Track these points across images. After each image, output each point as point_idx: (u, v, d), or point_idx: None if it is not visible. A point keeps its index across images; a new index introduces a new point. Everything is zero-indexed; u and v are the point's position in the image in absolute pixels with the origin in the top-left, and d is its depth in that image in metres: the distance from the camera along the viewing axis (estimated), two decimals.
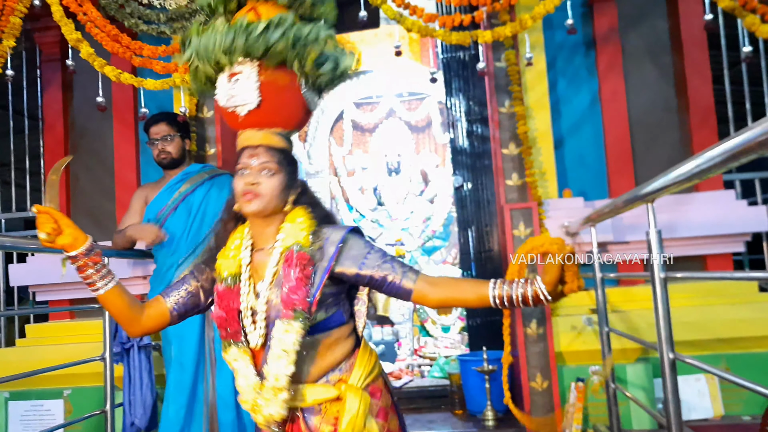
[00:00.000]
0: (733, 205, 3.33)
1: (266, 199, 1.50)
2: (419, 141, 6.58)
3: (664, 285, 1.88)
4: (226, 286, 1.53)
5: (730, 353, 3.06)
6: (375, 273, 1.50)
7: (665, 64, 3.62)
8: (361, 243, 1.54)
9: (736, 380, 1.55)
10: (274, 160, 1.52)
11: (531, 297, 1.37)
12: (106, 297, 1.48)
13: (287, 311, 1.44)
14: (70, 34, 2.91)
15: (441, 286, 1.49)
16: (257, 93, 1.51)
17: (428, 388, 3.88)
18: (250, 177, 1.50)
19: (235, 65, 1.52)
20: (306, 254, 1.48)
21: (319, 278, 1.48)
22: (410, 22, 2.82)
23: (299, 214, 1.55)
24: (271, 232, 1.56)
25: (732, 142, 1.25)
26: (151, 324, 1.57)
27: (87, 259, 1.44)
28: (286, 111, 1.58)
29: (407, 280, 1.49)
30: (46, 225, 1.40)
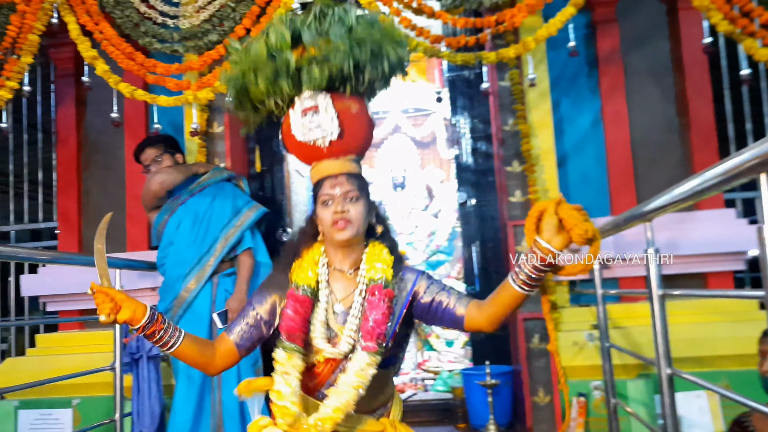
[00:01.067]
0: (734, 223, 3.38)
1: (356, 224, 1.57)
2: (424, 156, 6.66)
3: (661, 302, 1.93)
4: (304, 294, 1.59)
5: (731, 370, 3.08)
6: (434, 298, 1.58)
7: (667, 85, 3.69)
8: (426, 278, 1.63)
9: (732, 396, 1.60)
10: (355, 187, 1.59)
11: (539, 261, 1.38)
12: (179, 351, 1.54)
13: (370, 344, 1.50)
14: (87, 51, 3.00)
15: (485, 306, 1.53)
16: (337, 123, 1.57)
17: (432, 401, 3.92)
18: (338, 205, 1.56)
19: (306, 99, 1.58)
20: (392, 291, 1.56)
21: (398, 312, 1.57)
22: (416, 43, 2.90)
23: (380, 247, 1.63)
24: (351, 258, 1.63)
25: (729, 164, 1.31)
26: (224, 363, 1.63)
27: (152, 327, 1.48)
28: (361, 136, 1.65)
29: (460, 306, 1.56)
30: (104, 306, 1.44)
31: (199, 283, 2.97)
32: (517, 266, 1.45)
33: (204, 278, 2.97)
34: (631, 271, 3.38)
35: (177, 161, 3.21)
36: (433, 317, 1.60)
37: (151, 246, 3.81)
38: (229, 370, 2.90)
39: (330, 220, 1.56)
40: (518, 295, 1.46)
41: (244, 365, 2.94)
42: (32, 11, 3.01)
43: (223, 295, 3.00)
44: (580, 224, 1.35)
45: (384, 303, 1.54)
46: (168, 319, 1.54)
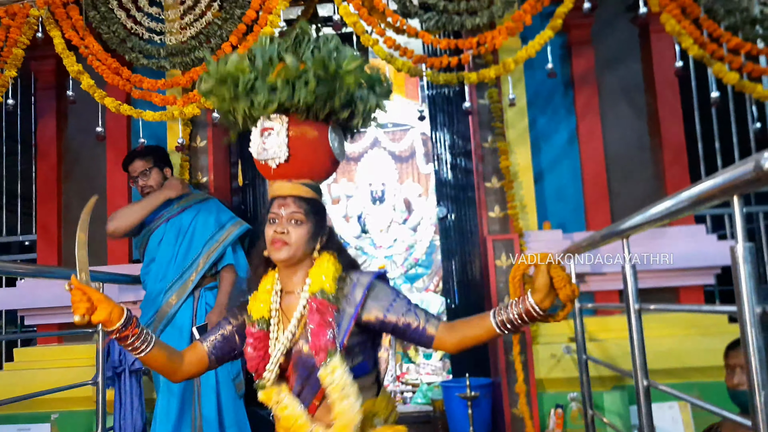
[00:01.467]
0: (704, 239, 3.50)
1: (294, 247, 1.58)
2: (403, 171, 6.74)
3: (638, 316, 2.01)
4: (260, 329, 1.61)
5: (702, 381, 3.18)
6: (400, 320, 1.57)
7: (639, 104, 3.81)
8: (387, 289, 1.63)
9: (706, 406, 1.67)
10: (301, 211, 1.60)
11: (524, 313, 1.46)
12: (147, 357, 1.55)
13: (321, 355, 1.51)
14: (72, 66, 3.02)
15: (456, 330, 1.57)
16: (286, 148, 1.59)
17: (412, 414, 3.96)
18: (279, 226, 1.59)
19: (266, 120, 1.61)
20: (326, 301, 1.55)
21: (346, 324, 1.56)
22: (400, 63, 2.97)
23: (325, 259, 1.63)
24: (299, 277, 1.64)
25: (705, 186, 1.38)
26: (193, 370, 1.65)
27: (126, 331, 1.49)
28: (314, 163, 1.66)
29: (430, 326, 1.57)
30: (80, 305, 1.43)
31: (181, 297, 2.98)
32: (503, 308, 1.50)
33: (186, 293, 2.99)
34: (605, 285, 3.47)
35: (165, 175, 3.22)
36: (401, 335, 1.61)
37: (131, 259, 3.81)
38: (209, 383, 2.94)
39: (270, 239, 1.59)
40: (493, 333, 1.52)
41: (223, 379, 2.95)
42: (17, 25, 3.02)
43: (204, 309, 3.02)
44: (567, 286, 1.45)
45: (318, 315, 1.54)
46: (144, 327, 1.55)
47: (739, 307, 1.26)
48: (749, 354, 1.24)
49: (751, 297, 1.24)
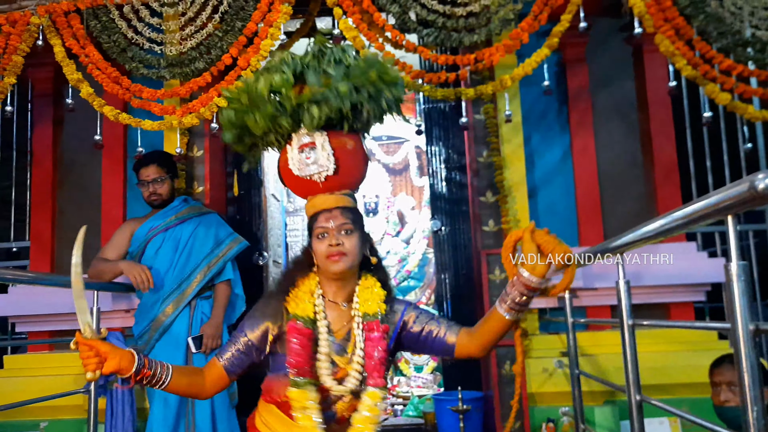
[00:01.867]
0: (695, 256, 3.54)
1: (351, 257, 1.61)
2: (396, 183, 6.77)
3: (632, 331, 2.04)
4: (306, 326, 1.62)
5: (692, 398, 3.21)
6: (424, 328, 1.64)
7: (632, 122, 3.87)
8: (414, 308, 1.71)
9: (699, 421, 1.70)
10: (349, 220, 1.63)
11: (524, 288, 1.49)
12: (169, 387, 1.57)
13: (379, 379, 1.56)
14: (72, 74, 3.03)
15: (476, 333, 1.62)
16: (333, 160, 1.62)
17: (403, 426, 3.96)
18: (332, 239, 1.60)
19: (303, 136, 1.63)
20: (388, 326, 1.62)
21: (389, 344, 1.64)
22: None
23: (372, 280, 1.68)
24: (346, 291, 1.68)
25: (698, 205, 1.41)
26: (215, 388, 1.67)
27: (140, 374, 1.50)
28: (357, 171, 1.71)
29: (451, 334, 1.63)
30: (90, 362, 1.43)
31: (178, 307, 2.98)
32: (504, 294, 1.55)
33: (183, 303, 2.99)
34: (597, 300, 3.50)
35: (174, 186, 3.24)
36: (423, 346, 1.67)
37: None
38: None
39: (325, 253, 1.60)
40: (506, 321, 1.55)
41: None
42: (17, 32, 3.03)
43: (200, 319, 3.02)
44: (557, 247, 1.48)
45: (384, 339, 1.60)
46: (153, 360, 1.54)
47: (733, 324, 1.29)
48: (742, 370, 1.27)
49: (744, 314, 1.27)
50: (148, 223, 3.17)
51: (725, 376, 2.18)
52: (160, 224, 3.14)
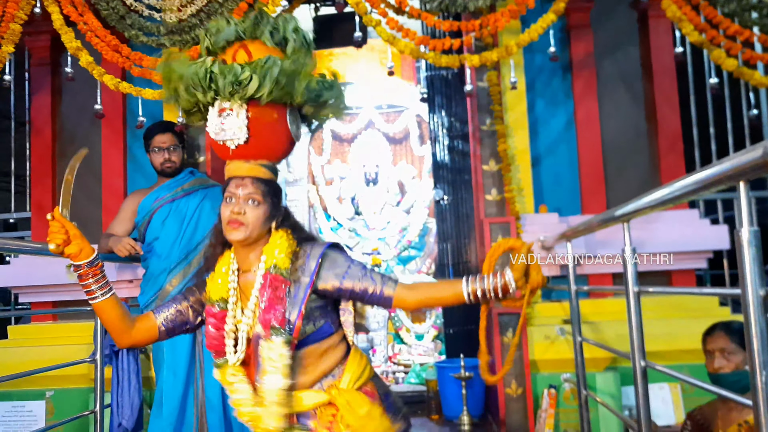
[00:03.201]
0: (697, 224, 3.54)
1: (250, 228, 1.60)
2: (397, 152, 6.73)
3: (637, 298, 2.05)
4: (220, 309, 1.63)
5: (692, 363, 3.24)
6: (356, 285, 1.62)
7: (637, 90, 3.83)
8: (341, 257, 1.66)
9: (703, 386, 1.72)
10: (259, 191, 1.61)
11: (500, 288, 1.56)
12: (101, 306, 1.58)
13: (266, 331, 1.56)
14: (70, 42, 2.98)
15: (418, 290, 1.65)
16: (246, 130, 1.59)
17: (405, 394, 4.01)
18: (236, 206, 1.59)
19: (223, 101, 1.59)
20: (279, 276, 1.59)
21: (302, 294, 1.60)
22: (403, 45, 2.97)
23: (279, 236, 1.65)
24: (255, 256, 1.66)
25: (710, 171, 1.40)
26: (140, 337, 1.67)
27: (88, 269, 1.54)
28: (273, 145, 1.67)
29: (387, 288, 1.62)
30: (57, 236, 1.50)
31: (184, 279, 2.98)
32: (478, 279, 1.58)
33: (189, 275, 2.99)
34: (599, 268, 3.51)
35: (183, 157, 3.25)
36: (360, 300, 1.66)
37: None
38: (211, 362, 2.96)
39: (227, 219, 1.60)
40: (460, 299, 1.60)
41: None
42: (15, 0, 2.97)
43: None
44: (539, 272, 1.60)
45: (273, 289, 1.58)
46: (107, 277, 1.59)
47: (743, 290, 1.29)
48: (751, 335, 1.28)
49: (755, 280, 1.27)
50: (154, 194, 3.16)
51: (718, 343, 2.20)
52: (166, 195, 3.13)
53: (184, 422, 2.86)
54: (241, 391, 1.60)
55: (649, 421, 2.00)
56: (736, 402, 1.66)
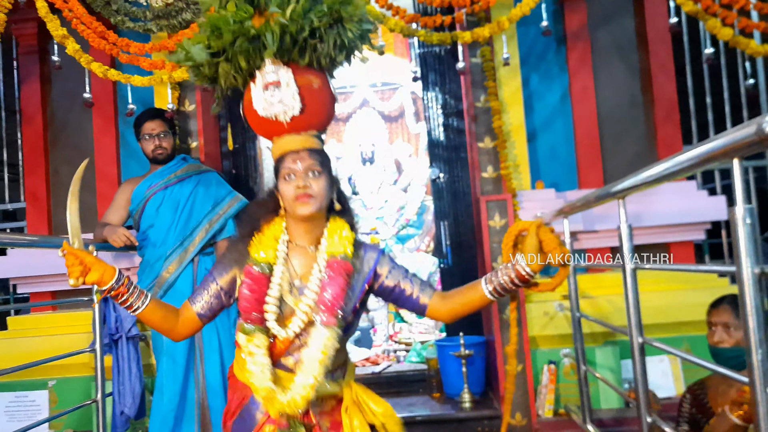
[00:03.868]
0: (695, 195, 3.52)
1: (319, 199, 1.58)
2: (392, 130, 6.69)
3: (633, 275, 2.04)
4: (261, 272, 1.60)
5: (691, 335, 3.25)
6: (397, 284, 1.63)
7: (632, 61, 3.79)
8: (389, 258, 1.68)
9: (697, 361, 1.71)
10: (317, 161, 1.59)
11: (516, 277, 1.49)
12: (144, 314, 1.58)
13: (331, 318, 1.54)
14: (56, 30, 2.94)
15: (449, 299, 1.61)
16: (298, 99, 1.57)
17: (406, 372, 4.02)
18: (300, 180, 1.56)
19: (267, 74, 1.57)
20: (351, 265, 1.59)
21: (359, 287, 1.61)
22: (393, 23, 2.92)
23: (341, 223, 1.64)
24: (314, 234, 1.64)
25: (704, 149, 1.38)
26: (187, 330, 1.67)
27: (118, 289, 1.53)
28: (324, 111, 1.65)
29: (424, 295, 1.62)
30: (74, 269, 1.48)
31: (181, 264, 2.98)
32: (493, 275, 1.54)
33: (186, 261, 2.99)
34: (598, 242, 3.51)
35: (175, 143, 3.23)
36: (395, 300, 1.66)
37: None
38: (212, 347, 2.97)
39: (293, 195, 1.57)
40: (486, 300, 1.56)
41: (225, 341, 2.98)
42: None
43: (203, 274, 3.03)
44: (557, 248, 1.48)
45: (342, 278, 1.57)
46: (135, 284, 1.58)
47: (738, 268, 1.28)
48: (747, 313, 1.27)
49: (749, 258, 1.26)
50: (147, 182, 3.15)
51: (722, 317, 2.18)
52: (159, 182, 3.12)
53: (186, 408, 2.88)
54: (260, 364, 1.57)
55: (647, 397, 2.00)
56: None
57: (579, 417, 2.96)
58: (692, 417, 2.31)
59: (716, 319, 2.23)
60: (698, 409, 2.30)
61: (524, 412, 3.15)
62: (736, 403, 1.83)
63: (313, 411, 1.63)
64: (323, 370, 1.54)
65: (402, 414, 3.37)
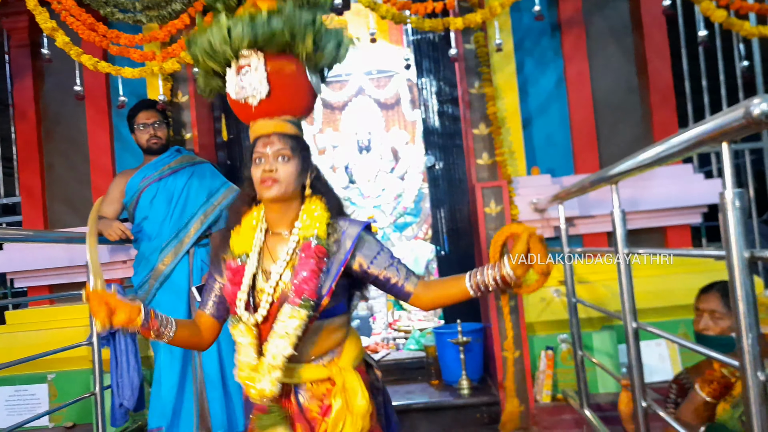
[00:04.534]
0: (691, 178, 3.52)
1: (284, 184, 1.58)
2: (389, 118, 6.66)
3: (627, 260, 2.03)
4: (241, 263, 1.62)
5: (688, 319, 3.24)
6: (381, 273, 1.62)
7: (627, 46, 3.77)
8: (373, 241, 1.65)
9: (691, 347, 1.71)
10: (287, 147, 1.59)
11: (499, 278, 1.52)
12: (173, 341, 1.60)
13: (296, 298, 1.54)
14: (45, 23, 2.91)
15: (432, 289, 1.62)
16: (266, 83, 1.58)
17: (405, 360, 4.04)
18: (266, 164, 1.57)
19: (241, 58, 1.59)
20: (323, 247, 1.57)
21: (335, 270, 1.59)
22: (384, 9, 2.90)
23: (316, 204, 1.63)
24: (288, 218, 1.64)
25: (693, 133, 1.37)
26: (211, 336, 1.72)
27: (147, 326, 1.53)
28: (294, 98, 1.65)
29: (409, 284, 1.62)
30: (100, 312, 1.45)
31: (177, 256, 2.98)
32: (479, 271, 1.56)
33: (181, 252, 2.99)
34: (594, 227, 3.50)
35: (169, 134, 3.23)
36: (381, 287, 1.65)
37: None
38: None
39: (258, 178, 1.58)
40: (467, 295, 1.58)
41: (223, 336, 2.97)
42: None
43: (199, 265, 3.02)
44: (543, 258, 1.53)
45: (313, 259, 1.56)
46: (159, 313, 1.57)
47: (728, 252, 1.28)
48: (737, 297, 1.27)
49: (739, 242, 1.25)
50: (141, 173, 3.14)
51: (709, 304, 2.16)
52: (153, 174, 3.11)
53: (184, 400, 2.89)
54: (246, 354, 1.59)
55: (642, 382, 2.00)
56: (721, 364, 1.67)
57: (576, 402, 2.97)
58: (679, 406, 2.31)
59: (704, 306, 2.21)
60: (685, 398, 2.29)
61: (522, 397, 3.15)
62: (706, 381, 1.86)
63: (302, 395, 1.64)
64: (287, 350, 1.54)
65: (401, 401, 3.39)
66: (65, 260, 3.59)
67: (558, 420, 3.06)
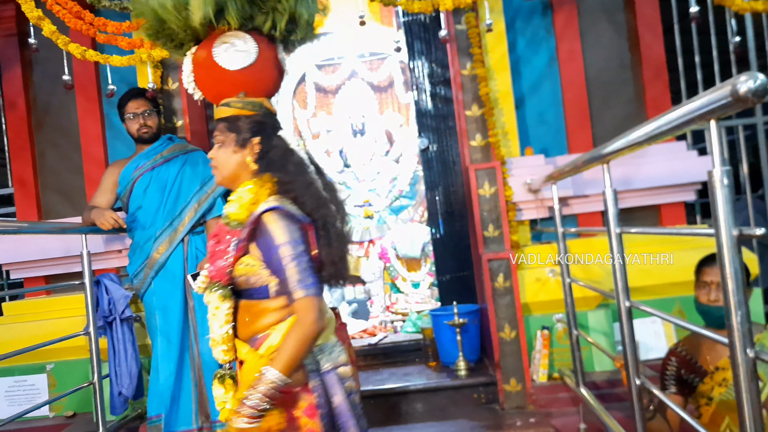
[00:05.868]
0: (685, 155, 3.51)
1: (221, 170, 1.64)
2: (382, 101, 6.62)
3: (619, 239, 2.03)
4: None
5: (683, 296, 3.26)
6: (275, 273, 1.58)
7: (619, 22, 3.75)
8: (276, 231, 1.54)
9: (684, 325, 1.72)
10: (220, 132, 1.63)
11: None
12: None
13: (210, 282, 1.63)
14: (31, 11, 2.88)
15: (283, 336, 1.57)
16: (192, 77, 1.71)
17: (402, 343, 4.05)
18: (211, 152, 1.65)
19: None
20: (225, 228, 1.60)
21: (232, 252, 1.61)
22: None
23: (255, 182, 1.62)
24: None
25: (681, 111, 1.37)
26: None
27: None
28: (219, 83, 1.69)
29: (278, 296, 1.62)
30: None
31: (171, 245, 2.97)
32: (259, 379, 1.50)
33: (176, 241, 2.98)
34: (588, 206, 3.51)
35: (160, 123, 3.23)
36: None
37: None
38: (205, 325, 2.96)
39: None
40: None
41: None
42: None
43: (194, 253, 3.02)
44: None
45: (222, 241, 1.60)
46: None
47: (717, 230, 1.28)
48: (726, 275, 1.27)
49: (728, 220, 1.25)
50: (134, 163, 3.13)
51: (716, 276, 2.17)
52: (146, 163, 3.10)
53: (182, 387, 2.91)
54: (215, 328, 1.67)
55: (636, 360, 2.01)
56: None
57: (572, 381, 2.99)
58: (680, 378, 2.33)
59: (711, 278, 2.22)
60: (688, 369, 2.31)
61: (519, 377, 3.17)
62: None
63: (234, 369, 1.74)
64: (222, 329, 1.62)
65: (398, 384, 3.41)
66: (60, 251, 3.59)
67: (554, 398, 3.09)
